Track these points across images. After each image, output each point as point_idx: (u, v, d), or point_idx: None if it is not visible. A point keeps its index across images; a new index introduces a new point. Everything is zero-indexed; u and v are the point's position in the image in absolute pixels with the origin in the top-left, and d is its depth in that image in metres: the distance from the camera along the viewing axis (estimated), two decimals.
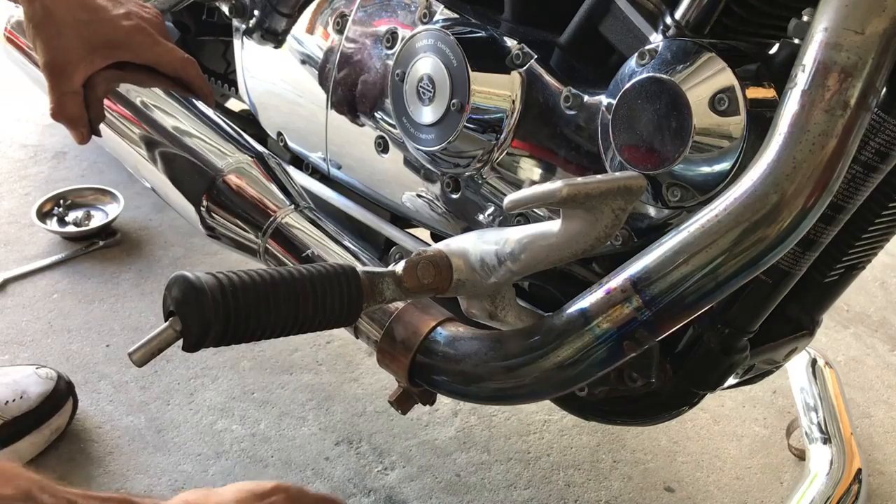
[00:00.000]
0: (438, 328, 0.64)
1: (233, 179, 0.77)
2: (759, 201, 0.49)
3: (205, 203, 0.77)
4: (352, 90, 0.86)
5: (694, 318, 0.54)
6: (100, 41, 0.82)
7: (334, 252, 0.72)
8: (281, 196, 0.77)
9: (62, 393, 1.07)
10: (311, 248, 0.72)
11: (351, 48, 0.86)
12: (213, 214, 0.77)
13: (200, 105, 0.87)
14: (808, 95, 0.49)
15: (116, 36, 0.83)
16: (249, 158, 0.79)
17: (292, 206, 0.76)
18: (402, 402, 0.68)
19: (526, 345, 0.59)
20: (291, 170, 1.00)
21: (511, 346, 0.60)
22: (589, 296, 0.56)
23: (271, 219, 0.75)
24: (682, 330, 0.70)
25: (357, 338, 0.69)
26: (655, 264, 0.53)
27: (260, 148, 0.81)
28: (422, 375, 0.64)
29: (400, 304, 0.66)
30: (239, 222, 0.77)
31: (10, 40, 1.15)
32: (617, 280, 0.54)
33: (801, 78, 0.49)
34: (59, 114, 0.83)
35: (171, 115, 0.83)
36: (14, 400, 1.03)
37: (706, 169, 0.57)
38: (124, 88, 0.85)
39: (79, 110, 0.83)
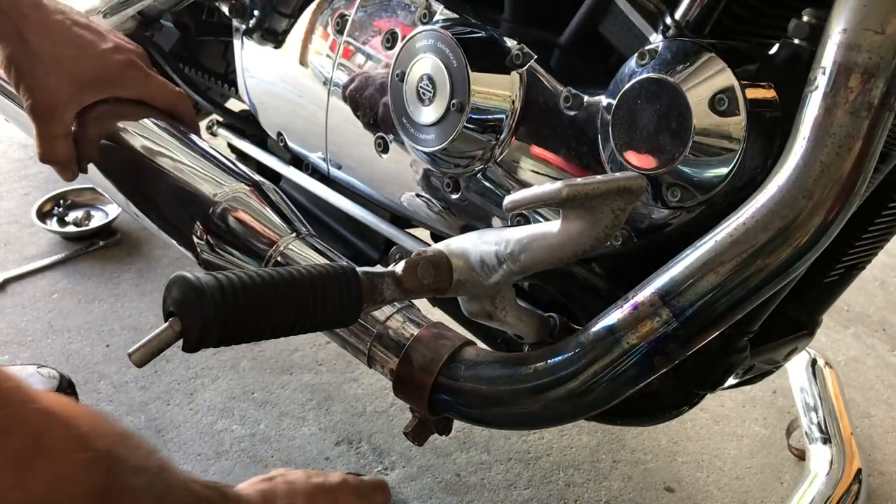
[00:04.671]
0: (458, 352, 0.62)
1: (229, 209, 0.73)
2: (787, 207, 0.49)
3: (201, 235, 0.73)
4: (352, 90, 0.86)
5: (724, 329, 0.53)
6: (89, 77, 0.77)
7: None
8: (281, 224, 0.73)
9: (63, 394, 1.07)
10: None
11: (351, 48, 0.86)
12: (211, 246, 0.73)
13: (192, 136, 0.82)
14: (831, 98, 0.48)
15: (108, 71, 0.78)
16: (246, 187, 0.75)
17: (294, 234, 0.72)
18: (419, 433, 0.65)
19: (552, 364, 0.57)
20: (292, 171, 1.00)
21: (537, 367, 0.58)
22: (615, 311, 0.54)
23: (273, 248, 0.71)
24: None
25: (371, 367, 0.66)
26: (683, 276, 0.52)
27: (256, 176, 0.78)
28: (442, 403, 0.62)
29: (415, 332, 0.64)
30: (238, 253, 0.72)
31: None
32: (644, 294, 0.53)
33: (822, 80, 0.49)
34: (48, 158, 0.77)
35: (163, 147, 0.79)
36: None
37: (706, 169, 0.57)
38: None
39: (69, 152, 0.78)
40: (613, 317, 0.54)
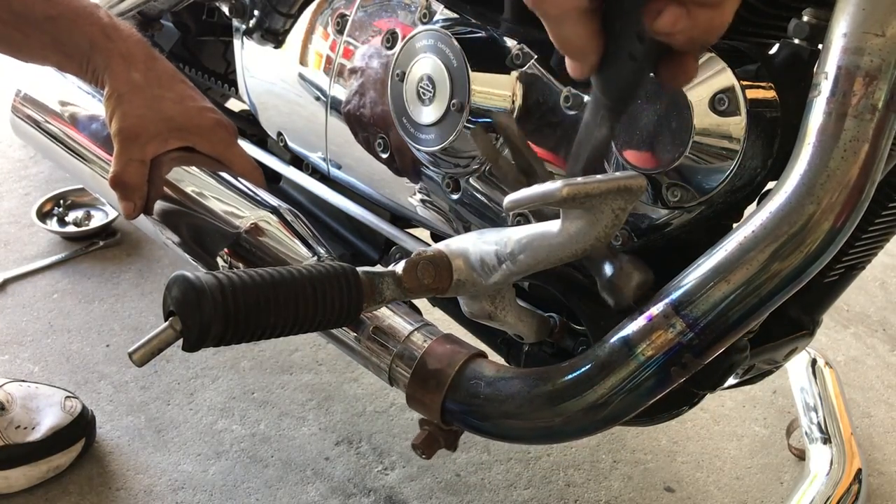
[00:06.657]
0: (472, 365, 0.62)
1: (252, 233, 0.74)
2: (795, 213, 0.49)
3: (226, 259, 0.75)
4: (352, 90, 0.86)
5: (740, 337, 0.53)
6: (181, 122, 0.80)
7: None
8: (303, 249, 0.74)
9: (74, 432, 1.04)
10: None
11: (351, 48, 0.86)
12: (233, 268, 0.74)
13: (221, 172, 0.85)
14: (834, 103, 0.48)
15: (199, 122, 0.82)
16: (268, 213, 0.77)
17: (315, 258, 0.74)
18: (427, 446, 0.65)
19: (569, 378, 0.57)
20: (292, 171, 1.00)
21: (555, 380, 0.58)
22: (630, 324, 0.55)
23: None
24: None
25: (392, 386, 0.66)
26: (695, 286, 0.52)
27: (276, 202, 0.79)
28: (455, 413, 0.62)
29: (426, 344, 0.64)
30: None
31: (19, 112, 1.03)
32: (657, 305, 0.53)
33: (825, 86, 0.49)
34: (119, 179, 0.79)
35: (195, 178, 0.81)
36: (26, 428, 1.01)
37: (706, 169, 0.57)
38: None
39: (140, 179, 0.79)
40: (628, 329, 0.54)
